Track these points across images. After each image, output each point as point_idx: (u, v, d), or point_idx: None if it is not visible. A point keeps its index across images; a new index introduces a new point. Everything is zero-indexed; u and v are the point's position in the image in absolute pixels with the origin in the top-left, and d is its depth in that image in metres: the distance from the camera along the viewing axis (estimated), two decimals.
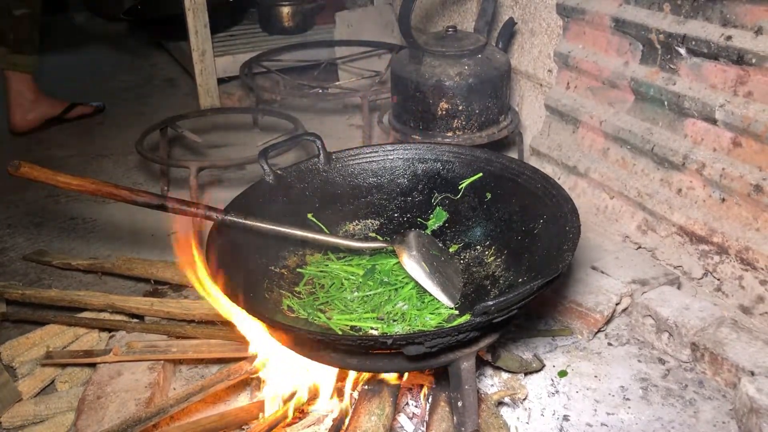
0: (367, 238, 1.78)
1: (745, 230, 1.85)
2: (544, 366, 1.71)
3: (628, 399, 1.62)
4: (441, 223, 1.81)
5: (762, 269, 1.79)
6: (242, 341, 1.65)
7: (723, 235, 1.89)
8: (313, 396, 1.54)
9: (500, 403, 1.59)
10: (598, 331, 1.84)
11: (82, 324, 1.90)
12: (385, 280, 1.63)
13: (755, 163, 1.82)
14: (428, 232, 1.79)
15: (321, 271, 1.68)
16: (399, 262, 1.58)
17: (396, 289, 1.60)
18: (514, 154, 2.56)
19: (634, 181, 2.17)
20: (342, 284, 1.63)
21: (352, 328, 1.50)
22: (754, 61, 1.77)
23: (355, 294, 1.60)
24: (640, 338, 1.83)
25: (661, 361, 1.75)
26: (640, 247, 2.13)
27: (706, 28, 1.90)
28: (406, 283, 1.60)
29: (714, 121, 1.91)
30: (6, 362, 1.83)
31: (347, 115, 3.53)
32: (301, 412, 1.54)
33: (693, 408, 1.59)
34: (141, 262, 2.15)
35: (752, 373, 1.57)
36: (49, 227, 2.63)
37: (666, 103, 2.05)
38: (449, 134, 2.34)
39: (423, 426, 1.49)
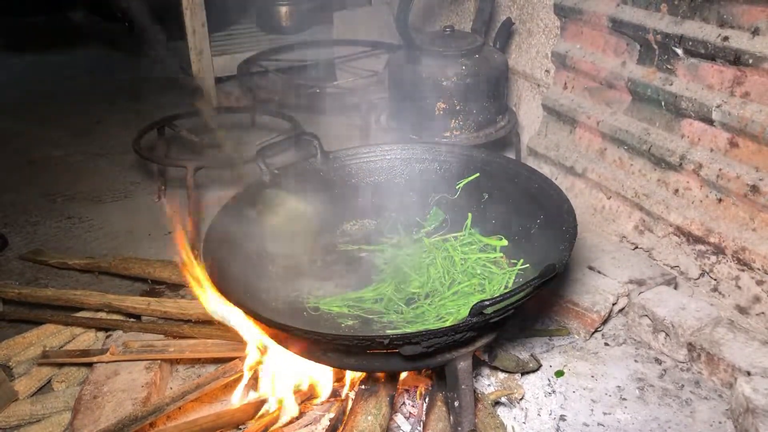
0: None
1: (741, 230, 1.85)
2: (540, 366, 1.71)
3: (624, 399, 1.63)
4: (438, 223, 1.81)
5: (758, 269, 1.79)
6: (239, 341, 1.65)
7: (720, 235, 1.89)
8: (310, 396, 1.54)
9: (497, 403, 1.59)
10: (595, 331, 1.84)
11: (79, 323, 1.90)
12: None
13: (752, 164, 1.82)
14: (424, 231, 1.79)
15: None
16: None
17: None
18: (511, 155, 2.56)
19: (631, 181, 2.17)
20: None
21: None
22: (750, 61, 1.77)
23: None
24: (637, 338, 1.83)
25: (658, 361, 1.75)
26: (637, 247, 2.13)
27: (703, 28, 1.90)
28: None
29: (711, 122, 1.91)
30: (2, 362, 1.82)
31: (345, 115, 3.52)
32: (298, 412, 1.54)
33: (689, 408, 1.59)
34: (138, 261, 2.14)
35: (748, 373, 1.57)
36: (46, 226, 2.63)
37: (663, 103, 2.05)
38: (446, 134, 2.34)
39: (420, 426, 1.49)
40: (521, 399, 1.62)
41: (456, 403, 1.34)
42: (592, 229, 2.21)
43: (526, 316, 1.88)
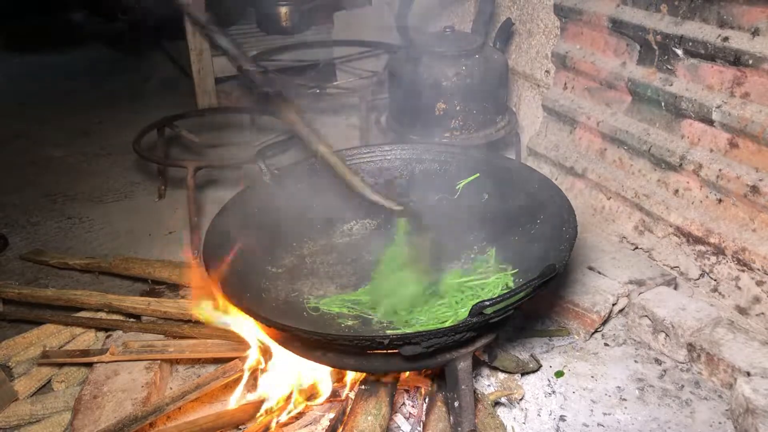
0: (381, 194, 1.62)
1: (741, 231, 1.85)
2: (540, 366, 1.71)
3: (624, 399, 1.63)
4: None
5: (758, 270, 1.80)
6: (239, 341, 1.65)
7: (720, 235, 1.89)
8: (310, 396, 1.54)
9: (497, 404, 1.59)
10: (595, 331, 1.84)
11: (79, 323, 1.90)
12: None
13: (752, 164, 1.83)
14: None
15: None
16: None
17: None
18: (511, 155, 2.56)
19: (631, 181, 2.18)
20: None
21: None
22: (750, 62, 1.77)
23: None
24: (637, 339, 1.83)
25: (658, 362, 1.75)
26: (636, 248, 2.13)
27: (703, 29, 1.90)
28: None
29: (711, 122, 1.91)
30: (2, 362, 1.82)
31: (345, 115, 3.52)
32: (298, 412, 1.54)
33: (689, 408, 1.59)
34: (138, 261, 2.14)
35: (748, 374, 1.57)
36: (47, 227, 2.63)
37: (663, 103, 2.05)
38: (447, 134, 2.34)
39: (420, 426, 1.49)
40: (521, 399, 1.62)
41: (456, 404, 1.34)
42: (591, 229, 2.21)
43: (526, 317, 1.88)
